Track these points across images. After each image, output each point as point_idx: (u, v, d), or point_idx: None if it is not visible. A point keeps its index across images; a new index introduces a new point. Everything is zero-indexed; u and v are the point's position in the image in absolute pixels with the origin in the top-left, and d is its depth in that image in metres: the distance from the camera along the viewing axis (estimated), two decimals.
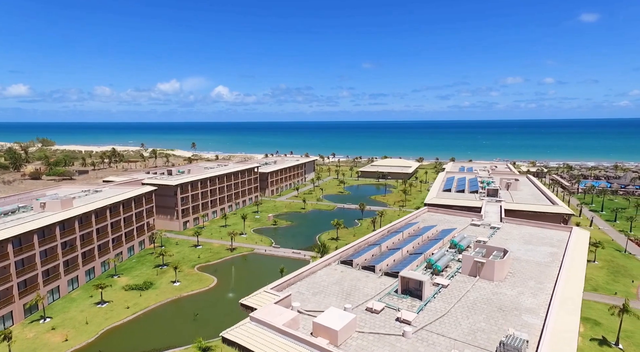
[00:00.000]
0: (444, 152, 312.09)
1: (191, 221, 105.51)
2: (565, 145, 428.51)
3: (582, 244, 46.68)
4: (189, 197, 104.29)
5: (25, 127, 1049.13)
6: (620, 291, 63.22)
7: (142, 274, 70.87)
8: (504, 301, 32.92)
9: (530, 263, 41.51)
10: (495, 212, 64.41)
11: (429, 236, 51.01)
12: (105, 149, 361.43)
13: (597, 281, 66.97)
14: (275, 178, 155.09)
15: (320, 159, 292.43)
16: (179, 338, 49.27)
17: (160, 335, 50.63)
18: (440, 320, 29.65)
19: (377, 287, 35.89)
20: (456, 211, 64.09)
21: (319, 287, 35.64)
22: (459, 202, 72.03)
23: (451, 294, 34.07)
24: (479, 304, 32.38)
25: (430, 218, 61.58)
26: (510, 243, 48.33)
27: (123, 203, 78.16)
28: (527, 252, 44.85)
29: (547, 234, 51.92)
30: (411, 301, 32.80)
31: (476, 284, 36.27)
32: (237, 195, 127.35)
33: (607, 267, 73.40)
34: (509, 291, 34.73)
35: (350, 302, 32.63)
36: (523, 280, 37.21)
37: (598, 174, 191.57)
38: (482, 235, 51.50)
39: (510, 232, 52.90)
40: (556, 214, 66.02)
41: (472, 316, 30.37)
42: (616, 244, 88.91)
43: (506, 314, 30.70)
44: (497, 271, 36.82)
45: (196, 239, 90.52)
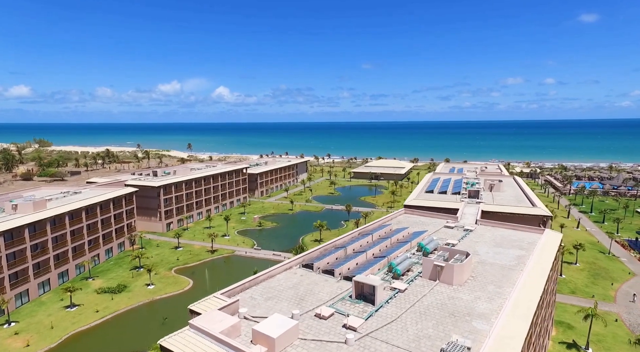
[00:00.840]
0: (441, 153, 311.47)
1: (175, 223, 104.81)
2: (564, 146, 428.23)
3: (551, 246, 45.85)
4: (172, 198, 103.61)
5: (27, 128, 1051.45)
6: (598, 294, 62.46)
7: (117, 276, 70.13)
8: (459, 306, 32.14)
9: (494, 267, 40.74)
10: (473, 214, 63.63)
11: (399, 238, 50.25)
12: (100, 150, 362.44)
13: (576, 284, 66.21)
14: (265, 179, 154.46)
15: (315, 159, 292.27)
16: (143, 343, 48.49)
17: (125, 340, 49.90)
18: (388, 326, 28.88)
19: (334, 291, 35.11)
20: (433, 213, 63.26)
21: (273, 292, 34.87)
22: (438, 203, 71.26)
23: (406, 299, 33.30)
24: (432, 309, 31.61)
25: (406, 220, 60.82)
26: (480, 246, 47.57)
27: (101, 205, 77.45)
28: (494, 256, 44.06)
29: (520, 236, 51.10)
30: (364, 306, 32.03)
31: (434, 289, 35.50)
32: (224, 196, 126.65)
33: (588, 270, 72.64)
34: (465, 296, 33.96)
35: (301, 307, 31.87)
36: (483, 284, 36.43)
37: (592, 175, 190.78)
38: (453, 238, 50.72)
39: (483, 235, 52.11)
40: (534, 215, 65.30)
41: (422, 321, 29.61)
42: (601, 246, 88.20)
43: (457, 320, 29.93)
44: (457, 275, 36.05)
45: (177, 241, 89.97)
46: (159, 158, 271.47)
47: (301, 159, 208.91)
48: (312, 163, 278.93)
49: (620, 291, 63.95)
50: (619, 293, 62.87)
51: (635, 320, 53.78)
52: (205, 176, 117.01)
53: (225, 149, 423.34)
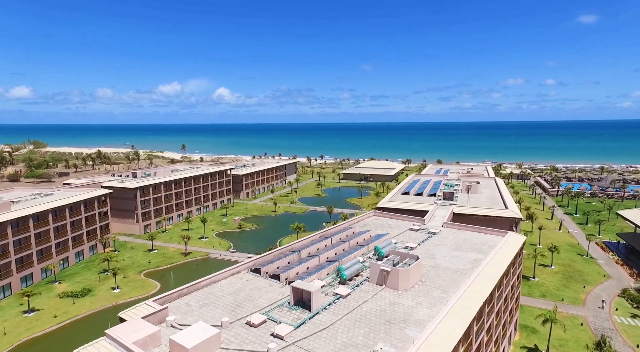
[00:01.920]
0: (437, 154, 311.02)
1: (153, 225, 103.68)
2: (561, 146, 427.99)
3: (509, 250, 44.93)
4: (150, 200, 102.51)
5: (28, 129, 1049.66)
6: (568, 297, 61.55)
7: (84, 280, 69.03)
8: (397, 312, 31.21)
9: (447, 271, 39.81)
10: (443, 216, 62.79)
11: (359, 241, 49.32)
12: (93, 151, 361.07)
13: (547, 287, 65.28)
14: (251, 180, 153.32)
15: (307, 161, 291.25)
16: None
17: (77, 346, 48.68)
18: (319, 334, 27.94)
19: (275, 297, 34.15)
20: (401, 215, 62.38)
21: (212, 298, 33.89)
22: (409, 205, 70.40)
23: (346, 305, 32.35)
24: (370, 316, 30.67)
25: (372, 223, 59.89)
26: (439, 249, 46.65)
27: (71, 207, 76.36)
28: (451, 259, 43.15)
29: (483, 239, 50.20)
30: (300, 313, 31.07)
31: (379, 294, 34.57)
32: (206, 198, 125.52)
33: (562, 272, 71.74)
34: (408, 302, 33.03)
35: (235, 315, 30.90)
36: (429, 289, 35.51)
37: (582, 176, 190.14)
38: (414, 241, 49.83)
39: (446, 238, 51.19)
40: (504, 218, 64.46)
41: (355, 329, 28.66)
42: (581, 248, 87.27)
43: (391, 327, 29.00)
44: (402, 279, 35.12)
45: (154, 244, 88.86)
46: (149, 159, 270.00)
47: (290, 160, 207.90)
48: (304, 164, 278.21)
49: (592, 294, 63.04)
50: (589, 296, 61.96)
51: (601, 324, 52.88)
52: (185, 178, 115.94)
53: (221, 150, 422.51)
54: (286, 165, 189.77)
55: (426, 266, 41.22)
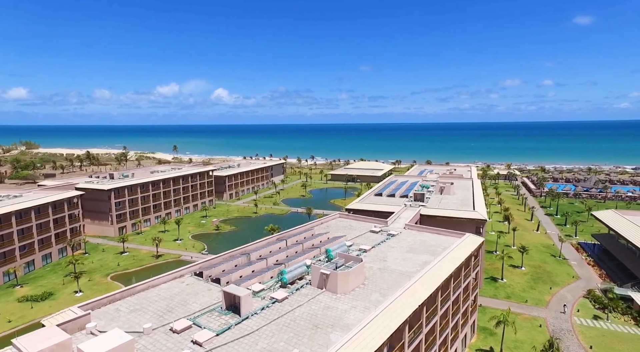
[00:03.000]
0: (431, 155, 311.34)
1: (129, 226, 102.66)
2: (556, 147, 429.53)
3: (462, 251, 44.54)
4: (125, 201, 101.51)
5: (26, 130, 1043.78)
6: (533, 299, 61.26)
7: (48, 283, 68.07)
8: (329, 316, 30.68)
9: (393, 273, 39.33)
10: (408, 217, 62.32)
11: (315, 243, 48.81)
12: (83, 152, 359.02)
13: (514, 288, 65.00)
14: (235, 182, 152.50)
15: (297, 161, 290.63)
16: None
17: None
18: (240, 340, 27.38)
19: (210, 302, 33.55)
20: (367, 217, 61.94)
21: (145, 303, 33.22)
22: (377, 207, 69.97)
23: (279, 310, 31.80)
24: (299, 320, 30.13)
25: (336, 225, 59.38)
26: (392, 251, 46.20)
27: (38, 208, 75.37)
28: (401, 262, 42.69)
29: (440, 241, 49.79)
30: (230, 318, 30.50)
31: (317, 298, 34.05)
32: (186, 199, 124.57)
33: (531, 273, 71.51)
34: (343, 305, 32.52)
35: (162, 320, 30.26)
36: (369, 292, 35.02)
37: (569, 177, 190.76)
38: (371, 243, 49.37)
39: (404, 240, 50.75)
40: (470, 219, 64.14)
41: (279, 334, 28.12)
42: (555, 249, 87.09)
43: (317, 332, 28.47)
44: (341, 283, 34.62)
45: (126, 246, 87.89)
46: (137, 161, 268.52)
47: (277, 161, 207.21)
48: (295, 165, 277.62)
49: (558, 295, 62.81)
50: (555, 298, 61.72)
51: (560, 325, 52.62)
52: (164, 179, 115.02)
53: (214, 151, 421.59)
54: (273, 166, 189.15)
55: (373, 269, 40.79)
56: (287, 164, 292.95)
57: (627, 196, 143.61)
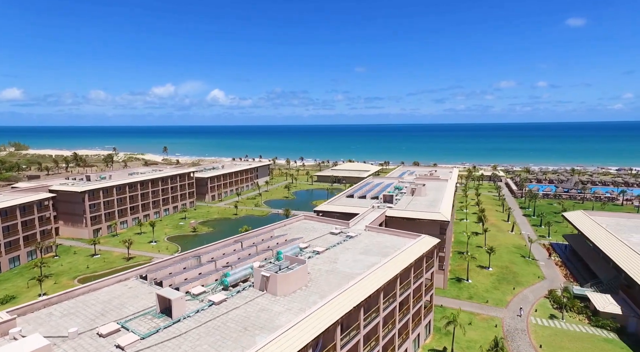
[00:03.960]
0: (423, 156, 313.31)
1: (104, 229, 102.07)
2: (547, 148, 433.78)
3: (412, 253, 45.03)
4: (100, 203, 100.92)
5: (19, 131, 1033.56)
6: (495, 299, 61.95)
7: (12, 287, 67.49)
8: (261, 319, 30.87)
9: (339, 275, 39.63)
10: (372, 219, 62.69)
11: (270, 245, 48.96)
12: (81, 154, 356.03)
13: (477, 289, 65.67)
14: (217, 183, 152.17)
15: (286, 163, 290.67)
16: None
17: None
18: (164, 344, 27.45)
19: (147, 305, 33.52)
20: (330, 219, 62.31)
21: (80, 307, 33.16)
22: (346, 208, 70.36)
23: (215, 312, 31.93)
24: (230, 323, 30.30)
25: (299, 226, 59.63)
26: (346, 253, 46.53)
27: (5, 211, 74.73)
28: (351, 263, 43.00)
29: (396, 242, 50.17)
30: (162, 321, 30.56)
31: (256, 300, 34.24)
32: (166, 201, 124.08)
33: (498, 274, 72.28)
34: (278, 307, 32.74)
35: (93, 324, 30.25)
36: (309, 294, 35.28)
37: (552, 178, 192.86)
38: (327, 244, 49.66)
39: (361, 241, 51.11)
40: (432, 220, 64.73)
41: (206, 337, 28.26)
42: (526, 250, 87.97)
43: (244, 334, 28.65)
44: (280, 285, 34.87)
45: (99, 248, 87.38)
46: (124, 162, 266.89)
47: (263, 163, 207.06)
48: (283, 166, 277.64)
49: (520, 295, 63.55)
50: (516, 298, 62.46)
51: (515, 325, 53.29)
52: (142, 181, 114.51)
53: (207, 152, 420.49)
54: (258, 168, 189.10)
55: (322, 271, 41.09)
56: (276, 165, 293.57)
57: (605, 197, 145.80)
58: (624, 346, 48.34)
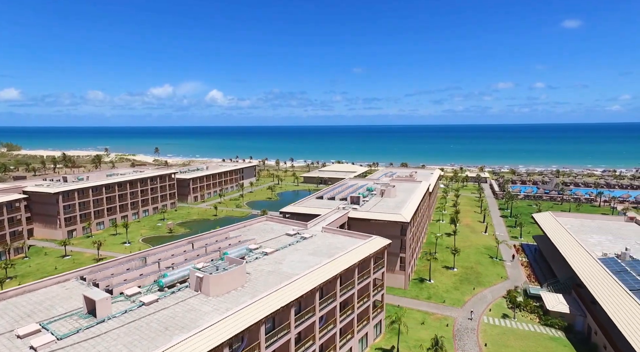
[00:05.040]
0: (411, 157, 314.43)
1: (79, 230, 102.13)
2: (537, 149, 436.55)
3: (358, 254, 45.69)
4: (75, 205, 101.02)
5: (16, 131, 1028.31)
6: (452, 299, 62.73)
7: None
8: (186, 319, 31.37)
9: (280, 276, 40.17)
10: (332, 220, 63.33)
11: (221, 247, 49.49)
12: (69, 154, 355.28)
13: (438, 289, 66.44)
14: (200, 184, 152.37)
15: (275, 164, 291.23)
16: None
17: None
18: (79, 344, 27.84)
19: (78, 306, 33.94)
20: (289, 220, 62.95)
21: (9, 309, 33.36)
22: (311, 210, 70.97)
23: (142, 313, 32.39)
24: (154, 323, 30.79)
25: (258, 227, 60.17)
26: (295, 254, 47.10)
27: None
28: (296, 264, 43.52)
29: (348, 243, 50.74)
30: (88, 321, 31.01)
31: (187, 300, 34.75)
32: (145, 202, 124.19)
33: (461, 275, 73.10)
34: (207, 308, 33.24)
35: (15, 325, 30.62)
36: (243, 295, 35.79)
37: (536, 179, 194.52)
38: (279, 246, 50.22)
39: (313, 243, 51.70)
40: (393, 222, 65.47)
41: (124, 337, 28.73)
42: (496, 251, 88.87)
43: (163, 334, 29.12)
44: (213, 285, 35.41)
45: (72, 249, 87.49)
46: (112, 163, 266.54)
47: (248, 164, 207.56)
48: (272, 167, 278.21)
49: (479, 295, 64.33)
50: (474, 298, 63.23)
51: (466, 325, 54.05)
52: (119, 182, 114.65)
53: (200, 153, 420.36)
54: (244, 169, 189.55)
55: (264, 271, 41.65)
56: (266, 166, 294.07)
57: (584, 198, 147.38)
58: (567, 344, 49.27)
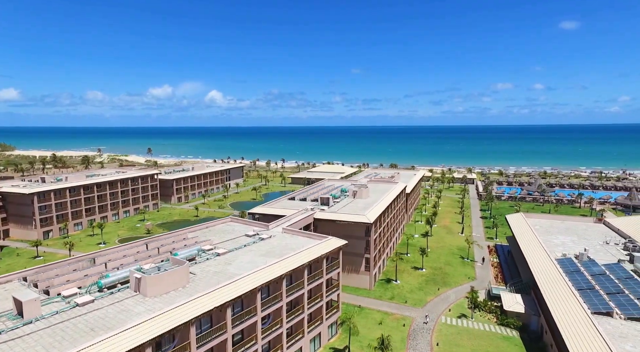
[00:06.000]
0: (402, 158, 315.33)
1: (56, 231, 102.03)
2: (529, 150, 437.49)
3: (309, 254, 46.02)
4: (52, 205, 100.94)
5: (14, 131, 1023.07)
6: (415, 299, 63.12)
7: None
8: (115, 320, 31.53)
9: (225, 276, 40.37)
10: (295, 221, 63.58)
11: (175, 247, 49.68)
12: (62, 155, 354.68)
13: (402, 290, 66.80)
14: (184, 185, 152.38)
15: (266, 165, 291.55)
16: None
17: None
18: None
19: (11, 307, 34.10)
20: (253, 222, 63.27)
21: None
22: (278, 211, 71.19)
23: (72, 314, 32.55)
24: (81, 324, 30.94)
25: (220, 229, 60.39)
26: (247, 255, 47.30)
27: None
28: (245, 265, 43.73)
29: (303, 243, 51.06)
30: (15, 323, 31.16)
31: (123, 301, 34.96)
32: (126, 202, 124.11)
33: (429, 275, 73.52)
34: (141, 308, 33.48)
35: None
36: (181, 295, 35.95)
37: (523, 180, 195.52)
38: (233, 246, 50.47)
39: (269, 244, 51.96)
40: (358, 223, 65.83)
41: (47, 338, 28.89)
42: (470, 251, 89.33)
43: (87, 335, 29.26)
44: (150, 286, 35.65)
45: (45, 250, 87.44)
46: (100, 163, 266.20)
47: (235, 164, 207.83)
48: (263, 168, 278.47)
49: (442, 296, 64.69)
50: (437, 299, 63.60)
51: (422, 325, 54.40)
52: (98, 183, 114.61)
53: (195, 153, 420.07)
54: (231, 170, 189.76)
55: (210, 272, 41.92)
56: (257, 167, 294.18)
57: (566, 199, 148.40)
58: (519, 343, 49.74)
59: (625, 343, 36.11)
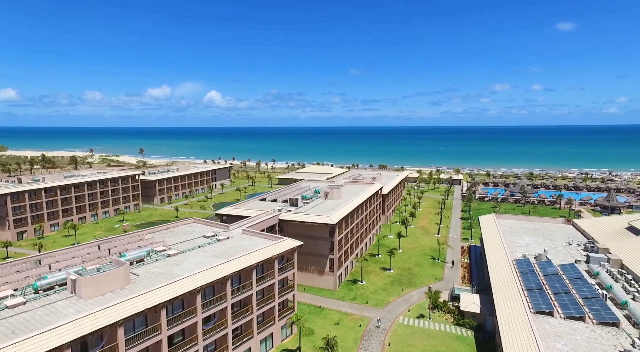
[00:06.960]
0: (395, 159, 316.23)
1: (30, 231, 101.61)
2: (522, 151, 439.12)
3: (258, 255, 46.09)
4: (26, 206, 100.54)
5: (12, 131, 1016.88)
6: (377, 300, 63.26)
7: None
8: (41, 322, 31.40)
9: (168, 277, 40.38)
10: (259, 222, 63.69)
11: (129, 248, 49.57)
12: (52, 155, 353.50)
13: (366, 290, 66.97)
14: (167, 186, 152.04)
15: (256, 165, 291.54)
16: None
17: None
18: None
19: None
20: (215, 223, 63.26)
21: None
22: (245, 212, 71.20)
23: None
24: (2, 327, 30.82)
25: (182, 230, 60.27)
26: (198, 256, 47.32)
27: None
28: (194, 266, 43.60)
29: (260, 244, 51.03)
30: None
31: (55, 303, 34.89)
32: (105, 203, 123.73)
33: (396, 276, 73.70)
34: (71, 310, 33.39)
35: None
36: (116, 297, 35.93)
37: (509, 182, 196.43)
38: (186, 248, 50.49)
39: (224, 245, 51.99)
40: (322, 224, 65.96)
41: None
42: (441, 252, 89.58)
43: (6, 338, 29.26)
44: (85, 287, 35.62)
45: (16, 251, 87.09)
46: (89, 164, 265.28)
47: (222, 165, 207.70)
48: (253, 168, 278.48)
49: (405, 296, 64.79)
50: (399, 299, 63.67)
51: (374, 326, 54.58)
52: (76, 183, 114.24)
53: (189, 154, 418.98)
54: (217, 170, 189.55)
55: (154, 273, 41.90)
56: (246, 167, 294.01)
57: (548, 201, 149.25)
58: (472, 343, 49.99)
59: (557, 341, 36.41)
